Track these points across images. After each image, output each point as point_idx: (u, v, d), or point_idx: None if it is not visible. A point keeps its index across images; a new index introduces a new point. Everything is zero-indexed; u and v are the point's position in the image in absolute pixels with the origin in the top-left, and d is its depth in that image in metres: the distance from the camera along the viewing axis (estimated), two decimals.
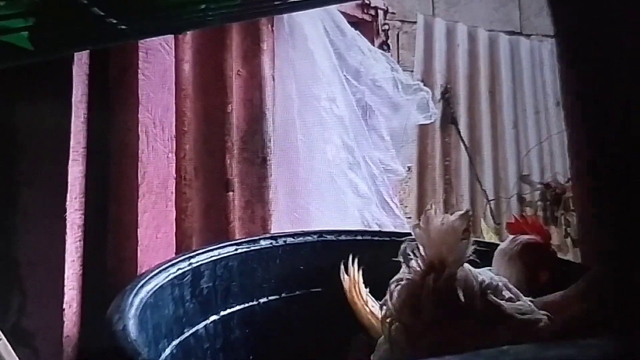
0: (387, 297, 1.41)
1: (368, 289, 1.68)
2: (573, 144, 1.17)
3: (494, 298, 1.35)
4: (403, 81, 3.11)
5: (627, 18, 0.86)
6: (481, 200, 5.05)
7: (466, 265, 1.36)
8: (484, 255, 1.63)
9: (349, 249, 1.79)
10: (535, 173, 5.34)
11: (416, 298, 1.35)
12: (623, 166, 0.91)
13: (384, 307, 1.42)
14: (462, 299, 1.31)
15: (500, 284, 1.40)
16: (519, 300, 1.39)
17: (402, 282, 1.39)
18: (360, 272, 1.71)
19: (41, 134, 1.60)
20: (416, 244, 1.39)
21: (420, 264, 1.37)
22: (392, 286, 1.42)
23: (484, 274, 1.41)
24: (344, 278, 1.70)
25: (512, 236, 1.64)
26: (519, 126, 5.35)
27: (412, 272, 1.38)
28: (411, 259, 1.39)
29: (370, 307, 1.62)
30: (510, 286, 1.43)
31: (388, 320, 1.40)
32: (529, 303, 1.38)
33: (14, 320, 1.55)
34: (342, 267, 1.71)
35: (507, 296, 1.38)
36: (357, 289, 1.67)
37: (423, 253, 1.37)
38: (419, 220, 1.40)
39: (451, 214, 1.38)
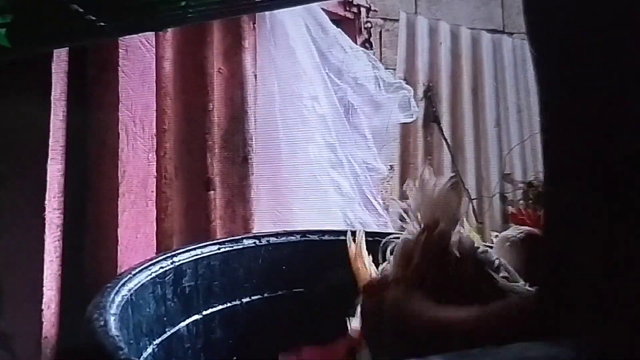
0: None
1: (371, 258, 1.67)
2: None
3: (488, 269, 1.36)
4: (385, 79, 3.10)
5: (602, 20, 0.85)
6: (464, 199, 5.05)
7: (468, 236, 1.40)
8: None
9: (332, 249, 1.78)
10: (517, 172, 5.35)
11: (410, 254, 1.38)
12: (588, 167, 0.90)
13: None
14: (457, 255, 1.33)
15: (497, 261, 1.41)
16: (515, 282, 1.39)
17: (398, 241, 1.41)
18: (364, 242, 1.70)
19: (19, 132, 1.59)
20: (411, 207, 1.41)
21: (415, 225, 1.38)
22: (389, 246, 1.44)
23: (484, 249, 1.42)
24: (350, 246, 1.68)
25: (515, 225, 1.66)
26: (502, 125, 5.36)
27: (407, 233, 1.40)
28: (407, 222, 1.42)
29: (372, 272, 1.61)
30: (510, 267, 1.43)
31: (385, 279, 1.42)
32: (527, 287, 1.38)
33: None
34: (348, 234, 1.69)
35: (502, 275, 1.39)
36: (361, 256, 1.66)
37: (418, 215, 1.38)
38: (413, 182, 1.43)
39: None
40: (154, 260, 1.57)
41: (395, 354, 1.32)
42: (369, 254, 1.60)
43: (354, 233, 1.68)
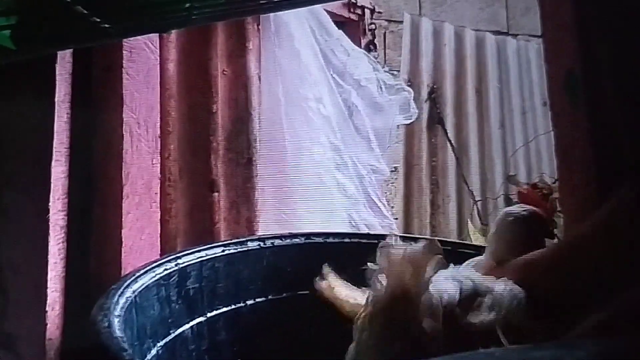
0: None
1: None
2: (560, 143, 1.17)
3: (467, 320, 1.35)
4: (385, 81, 3.11)
5: (619, 17, 0.85)
6: (468, 200, 5.04)
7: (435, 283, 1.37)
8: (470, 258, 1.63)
9: (336, 251, 1.78)
10: (522, 173, 5.35)
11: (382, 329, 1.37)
12: (612, 165, 0.90)
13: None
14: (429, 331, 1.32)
15: (474, 283, 1.39)
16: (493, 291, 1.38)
17: (367, 311, 1.40)
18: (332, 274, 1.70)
19: (23, 134, 1.59)
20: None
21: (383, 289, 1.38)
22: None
23: (458, 278, 1.41)
24: (319, 283, 1.68)
25: (522, 204, 1.64)
26: (506, 126, 5.36)
27: (375, 299, 1.39)
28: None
29: (351, 299, 1.60)
30: (482, 279, 1.42)
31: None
32: (508, 287, 1.36)
33: None
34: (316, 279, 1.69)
35: (483, 301, 1.37)
36: (333, 289, 1.66)
37: (385, 282, 1.38)
38: (381, 248, 1.42)
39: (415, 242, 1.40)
40: (159, 262, 1.57)
41: None
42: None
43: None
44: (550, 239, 1.64)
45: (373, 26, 3.68)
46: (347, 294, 1.61)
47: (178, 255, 1.65)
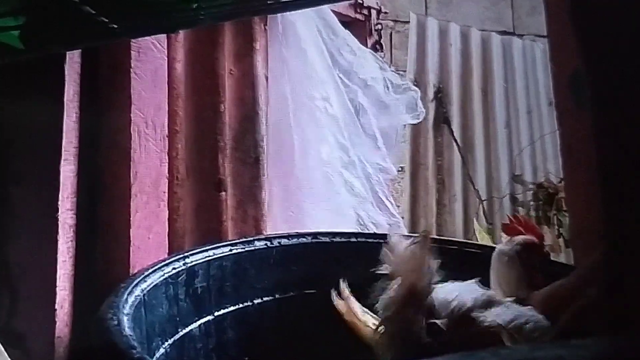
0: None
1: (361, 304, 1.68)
2: (566, 143, 1.17)
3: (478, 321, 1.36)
4: (392, 81, 3.11)
5: (624, 18, 0.85)
6: (474, 200, 5.04)
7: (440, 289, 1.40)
8: (475, 258, 1.63)
9: (342, 250, 1.79)
10: (527, 173, 5.34)
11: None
12: (619, 166, 0.90)
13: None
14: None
15: (483, 299, 1.41)
16: (508, 310, 1.39)
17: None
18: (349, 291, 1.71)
19: (32, 133, 1.59)
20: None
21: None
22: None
23: (464, 295, 1.42)
24: (337, 303, 1.69)
25: (508, 238, 1.64)
26: (512, 126, 5.35)
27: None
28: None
29: (371, 324, 1.61)
30: (498, 298, 1.43)
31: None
32: (526, 311, 1.38)
33: (4, 321, 1.54)
34: (333, 295, 1.70)
35: (493, 314, 1.38)
36: (353, 311, 1.67)
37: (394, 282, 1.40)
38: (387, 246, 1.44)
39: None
40: (167, 261, 1.58)
41: None
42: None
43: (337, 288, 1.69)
44: (545, 258, 1.65)
45: (379, 26, 3.68)
46: (365, 319, 1.62)
47: (186, 254, 1.66)
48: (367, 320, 1.62)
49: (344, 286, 1.71)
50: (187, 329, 1.59)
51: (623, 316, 0.92)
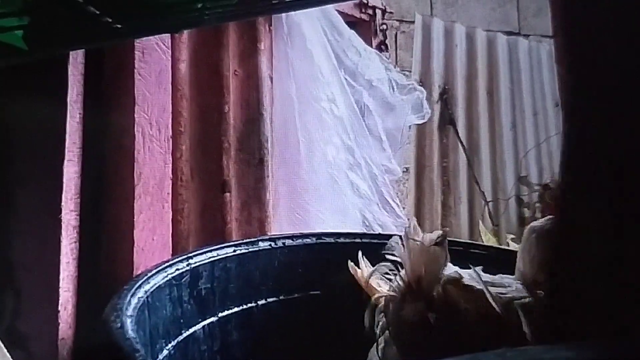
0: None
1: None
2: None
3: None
4: (398, 81, 3.11)
5: (628, 20, 0.84)
6: (479, 201, 5.04)
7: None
8: (481, 259, 1.62)
9: (347, 251, 1.78)
10: (533, 174, 5.34)
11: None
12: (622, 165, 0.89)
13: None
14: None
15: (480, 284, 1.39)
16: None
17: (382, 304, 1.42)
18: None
19: (36, 134, 1.59)
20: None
21: (401, 283, 1.37)
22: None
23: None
24: (355, 270, 1.67)
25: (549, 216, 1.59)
26: (518, 127, 5.35)
27: (394, 291, 1.39)
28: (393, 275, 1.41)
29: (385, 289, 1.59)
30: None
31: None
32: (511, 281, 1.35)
33: (8, 322, 1.53)
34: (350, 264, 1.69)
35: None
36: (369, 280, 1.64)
37: (403, 273, 1.37)
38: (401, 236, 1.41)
39: (430, 232, 1.39)
40: (170, 262, 1.57)
41: None
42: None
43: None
44: None
45: (384, 26, 3.67)
46: (379, 284, 1.60)
47: (190, 255, 1.65)
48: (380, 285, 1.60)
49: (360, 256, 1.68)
50: (191, 331, 1.58)
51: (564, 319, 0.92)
